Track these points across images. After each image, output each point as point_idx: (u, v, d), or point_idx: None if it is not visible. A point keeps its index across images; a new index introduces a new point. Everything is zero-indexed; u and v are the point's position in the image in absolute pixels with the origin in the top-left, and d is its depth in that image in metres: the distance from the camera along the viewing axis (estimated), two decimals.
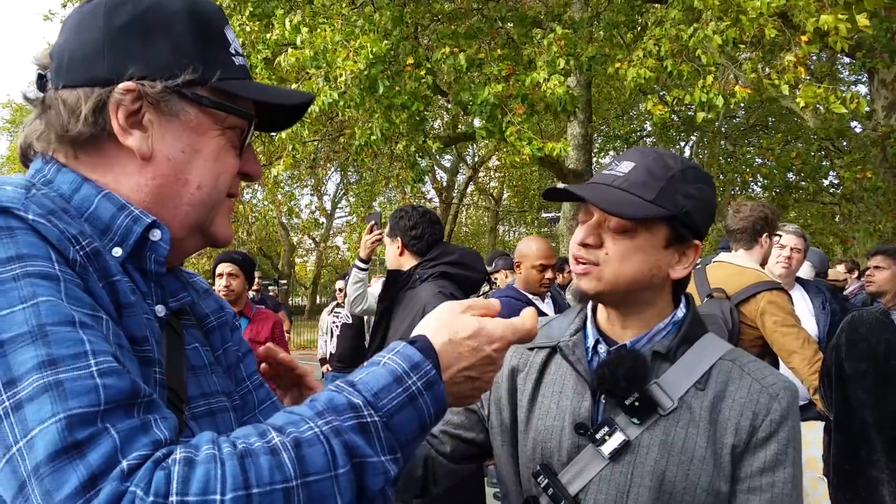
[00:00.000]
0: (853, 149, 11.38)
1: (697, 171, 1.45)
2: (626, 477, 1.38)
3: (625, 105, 19.28)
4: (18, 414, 0.76)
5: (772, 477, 1.36)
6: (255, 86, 1.13)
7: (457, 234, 27.16)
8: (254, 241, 22.97)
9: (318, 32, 8.07)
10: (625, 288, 1.42)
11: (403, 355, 0.94)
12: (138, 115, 1.02)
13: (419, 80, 8.55)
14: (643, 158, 1.43)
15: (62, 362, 0.78)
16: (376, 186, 17.23)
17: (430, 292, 3.59)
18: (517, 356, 1.61)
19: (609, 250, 1.41)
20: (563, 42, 8.13)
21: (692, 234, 1.44)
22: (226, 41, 1.11)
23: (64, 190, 1.01)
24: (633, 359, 1.39)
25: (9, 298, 0.81)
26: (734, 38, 6.92)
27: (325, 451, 0.81)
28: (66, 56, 1.04)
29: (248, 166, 1.15)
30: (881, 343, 3.11)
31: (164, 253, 1.03)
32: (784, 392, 1.40)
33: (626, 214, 1.35)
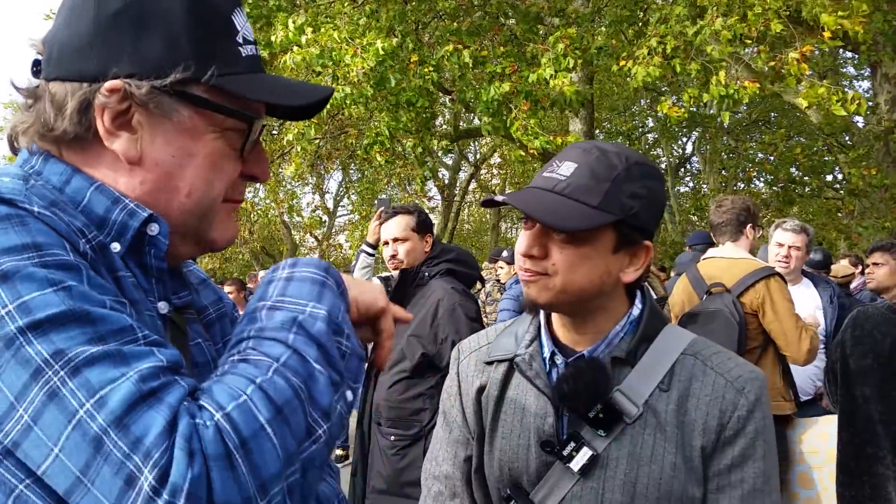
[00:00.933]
0: (857, 144, 11.34)
1: (644, 166, 1.37)
2: (596, 493, 1.34)
3: (626, 101, 19.25)
4: (78, 379, 0.74)
5: (741, 473, 1.32)
6: (263, 82, 1.03)
7: (459, 232, 27.13)
8: (256, 240, 22.97)
9: (323, 32, 8.04)
10: (575, 297, 1.36)
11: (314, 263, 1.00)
12: (127, 116, 0.95)
13: (423, 77, 8.53)
14: (585, 158, 1.34)
15: (111, 336, 0.79)
16: (378, 184, 17.23)
17: (443, 288, 3.61)
18: (479, 374, 1.56)
19: (556, 261, 1.33)
20: (569, 41, 8.10)
21: (641, 236, 1.37)
22: (232, 29, 1.01)
23: (54, 181, 0.96)
24: (592, 369, 1.34)
25: (38, 281, 0.78)
26: (741, 33, 6.89)
27: (276, 340, 0.88)
28: (57, 45, 0.97)
29: (254, 168, 1.07)
30: (887, 339, 3.09)
31: (163, 247, 0.98)
32: (750, 384, 1.35)
33: (568, 227, 1.28)
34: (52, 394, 0.74)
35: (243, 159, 1.05)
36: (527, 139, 8.08)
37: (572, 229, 1.28)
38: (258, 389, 0.80)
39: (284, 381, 0.82)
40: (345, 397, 0.91)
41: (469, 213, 29.93)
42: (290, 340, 0.87)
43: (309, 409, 0.84)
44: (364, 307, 1.05)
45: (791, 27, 7.03)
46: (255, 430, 0.78)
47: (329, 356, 0.88)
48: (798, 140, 16.58)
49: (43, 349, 0.75)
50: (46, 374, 0.74)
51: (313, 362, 0.86)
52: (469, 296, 3.75)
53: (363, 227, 15.80)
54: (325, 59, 7.99)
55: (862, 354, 3.14)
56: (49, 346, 0.75)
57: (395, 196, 20.24)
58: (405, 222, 3.80)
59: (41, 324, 0.76)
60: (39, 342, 0.75)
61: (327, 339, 0.89)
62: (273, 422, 0.79)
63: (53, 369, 0.75)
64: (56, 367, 0.75)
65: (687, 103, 7.93)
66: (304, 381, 0.84)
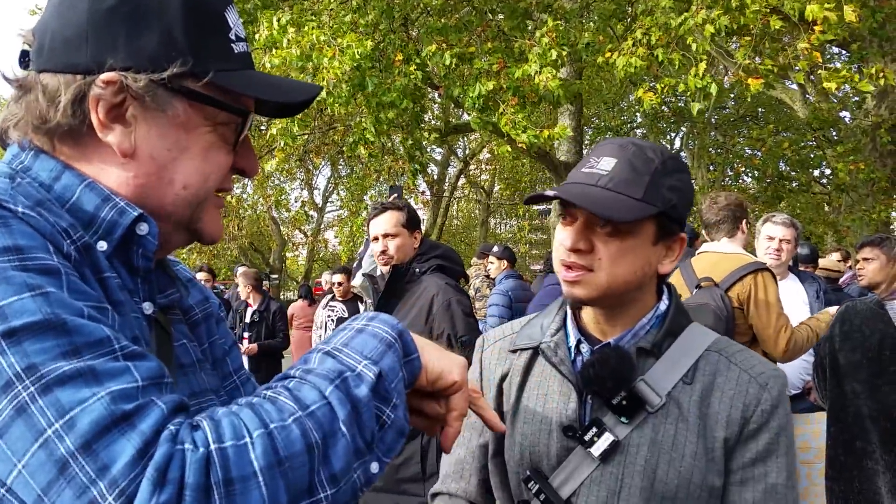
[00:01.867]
0: (844, 139, 11.41)
1: (676, 160, 1.42)
2: (616, 478, 1.36)
3: (615, 97, 19.28)
4: (48, 398, 0.72)
5: (764, 467, 1.35)
6: (254, 79, 1.04)
7: (448, 228, 27.15)
8: (245, 236, 22.89)
9: (306, 31, 8.02)
10: (618, 291, 1.39)
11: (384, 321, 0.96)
12: (121, 109, 0.95)
13: (408, 75, 8.51)
14: (623, 153, 1.38)
15: (86, 349, 0.76)
16: (367, 180, 17.18)
17: (437, 284, 3.61)
18: (502, 362, 1.59)
19: (601, 254, 1.36)
20: (555, 34, 8.10)
21: (678, 227, 1.42)
22: (225, 26, 1.02)
23: (43, 178, 0.95)
24: (618, 357, 1.37)
25: (14, 286, 0.76)
26: (725, 26, 6.91)
27: (315, 386, 0.84)
28: (49, 36, 0.96)
29: (244, 162, 1.08)
30: (875, 334, 3.11)
31: (152, 248, 0.97)
32: (773, 381, 1.38)
33: (621, 218, 1.30)
34: (21, 409, 0.72)
35: (235, 153, 1.05)
36: (515, 133, 8.07)
37: (623, 220, 1.31)
38: (267, 435, 0.77)
39: (300, 433, 0.79)
40: (367, 468, 0.86)
41: (458, 209, 29.94)
42: (328, 392, 0.83)
43: (318, 468, 0.80)
44: (434, 376, 0.99)
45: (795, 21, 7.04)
46: (244, 475, 0.75)
47: (361, 421, 0.84)
48: (786, 135, 16.65)
49: (15, 361, 0.73)
50: (16, 389, 0.73)
51: (341, 422, 0.82)
52: (462, 291, 3.77)
53: (352, 223, 15.75)
54: (303, 62, 7.98)
55: (851, 349, 3.15)
56: (22, 359, 0.74)
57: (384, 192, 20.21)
58: (395, 218, 3.78)
59: (16, 332, 0.74)
60: (12, 352, 0.74)
61: (366, 403, 0.85)
62: (268, 471, 0.76)
63: (24, 384, 0.73)
64: (26, 383, 0.73)
65: (661, 92, 7.95)
66: (323, 438, 0.81)
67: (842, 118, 12.31)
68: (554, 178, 12.57)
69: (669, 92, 7.96)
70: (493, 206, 27.23)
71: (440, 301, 3.53)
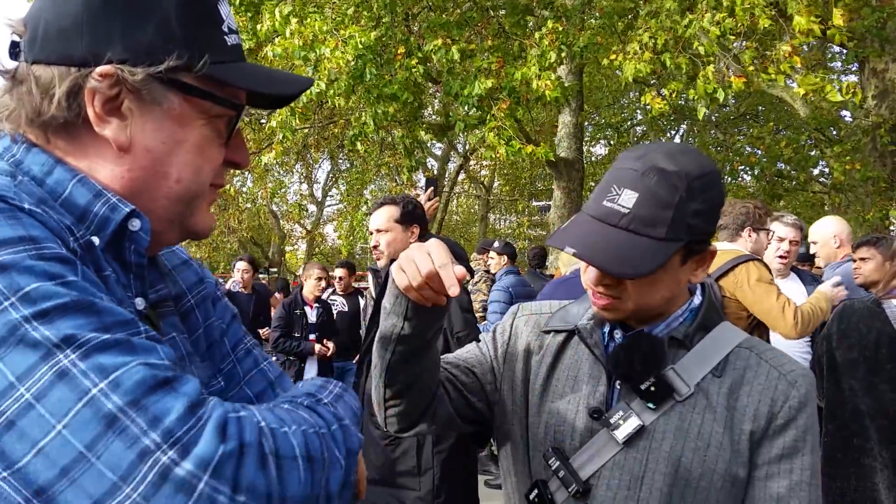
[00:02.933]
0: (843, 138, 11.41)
1: (703, 177, 1.35)
2: (640, 463, 1.37)
3: (616, 94, 19.26)
4: (89, 361, 0.74)
5: (790, 463, 1.36)
6: (247, 71, 1.04)
7: (447, 223, 27.13)
8: (244, 230, 22.88)
9: (308, 22, 8.02)
10: (650, 312, 1.44)
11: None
12: (116, 102, 0.94)
13: (410, 69, 8.51)
14: (645, 183, 1.32)
15: (116, 327, 0.79)
16: (367, 175, 17.17)
17: None
18: (533, 337, 1.60)
19: (629, 287, 1.38)
20: (554, 36, 8.09)
21: (706, 244, 1.42)
22: (218, 18, 1.01)
23: (35, 172, 0.94)
24: (649, 343, 1.39)
25: (37, 274, 0.78)
26: (730, 28, 6.91)
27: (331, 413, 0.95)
28: (42, 27, 0.94)
29: (235, 154, 1.08)
30: (872, 332, 3.13)
31: (144, 244, 0.98)
32: (802, 379, 1.39)
33: (638, 274, 1.30)
34: (62, 373, 0.74)
35: (227, 146, 1.05)
36: (498, 143, 8.08)
37: (641, 275, 1.31)
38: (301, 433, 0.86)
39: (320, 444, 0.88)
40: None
41: (458, 204, 29.92)
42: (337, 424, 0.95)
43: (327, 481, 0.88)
44: None
45: (781, 21, 7.05)
46: (289, 455, 0.82)
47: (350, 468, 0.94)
48: (785, 134, 16.65)
49: (51, 334, 0.75)
50: (57, 356, 0.74)
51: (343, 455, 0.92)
52: (462, 287, 3.74)
53: (352, 218, 15.75)
54: (306, 51, 7.97)
55: (848, 347, 3.18)
56: (57, 332, 0.75)
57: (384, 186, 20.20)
58: (388, 213, 3.77)
59: (47, 312, 0.76)
60: (47, 328, 0.75)
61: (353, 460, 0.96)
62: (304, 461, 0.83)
63: (64, 352, 0.74)
64: (67, 351, 0.74)
65: (669, 97, 7.96)
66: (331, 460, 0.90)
67: (842, 117, 12.31)
68: (553, 174, 12.57)
69: (677, 98, 7.97)
70: (493, 201, 27.24)
71: None
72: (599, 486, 1.40)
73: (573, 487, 1.40)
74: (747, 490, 1.38)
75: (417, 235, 3.80)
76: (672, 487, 1.35)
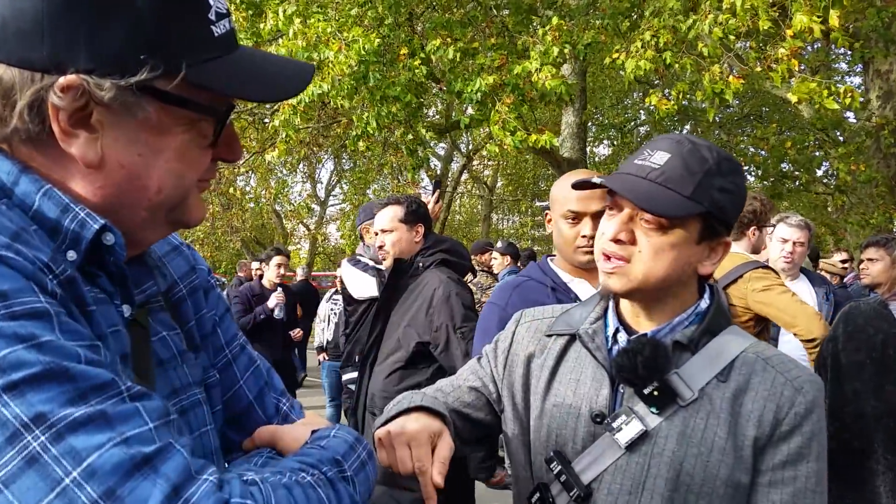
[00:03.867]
0: (847, 139, 11.39)
1: (731, 161, 1.41)
2: (642, 467, 1.36)
3: (619, 94, 19.23)
4: (61, 445, 0.70)
5: (794, 471, 1.34)
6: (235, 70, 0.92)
7: (450, 223, 27.11)
8: (247, 229, 22.89)
9: (312, 23, 8.02)
10: (653, 287, 1.40)
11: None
12: (84, 113, 0.84)
13: (413, 70, 8.50)
14: (678, 149, 1.38)
15: (93, 393, 0.74)
16: (370, 174, 17.18)
17: (438, 278, 3.64)
18: (534, 342, 1.59)
19: (642, 247, 1.37)
20: (558, 32, 8.08)
21: (724, 230, 1.42)
22: (204, 4, 0.89)
23: (2, 181, 0.86)
24: (653, 347, 1.37)
25: (6, 338, 0.72)
26: (733, 28, 6.89)
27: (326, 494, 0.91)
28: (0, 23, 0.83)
29: (226, 151, 0.99)
30: (879, 333, 3.11)
31: (121, 258, 0.91)
32: (809, 385, 1.37)
33: (666, 213, 1.32)
34: (32, 459, 0.69)
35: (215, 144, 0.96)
36: (503, 135, 8.07)
37: (665, 214, 1.33)
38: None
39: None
40: None
41: (461, 204, 29.90)
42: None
43: None
44: None
45: (781, 23, 7.03)
46: None
47: None
48: (789, 135, 16.62)
49: (21, 412, 0.70)
50: (25, 439, 0.69)
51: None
52: (464, 285, 3.78)
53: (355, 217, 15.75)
54: (309, 52, 7.97)
55: (855, 349, 3.16)
56: (28, 409, 0.70)
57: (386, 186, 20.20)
58: (392, 213, 3.82)
59: (16, 385, 0.70)
60: (16, 404, 0.70)
61: None
62: None
63: (33, 434, 0.70)
64: (36, 432, 0.70)
65: (675, 98, 7.94)
66: None
67: (846, 118, 12.28)
68: (557, 174, 12.54)
69: (684, 98, 7.95)
70: (496, 201, 27.21)
71: (441, 294, 3.55)
72: (601, 491, 1.38)
73: (575, 492, 1.39)
74: (750, 496, 1.36)
75: (422, 234, 3.83)
76: (674, 493, 1.34)
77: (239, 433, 1.15)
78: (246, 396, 1.17)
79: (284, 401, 1.22)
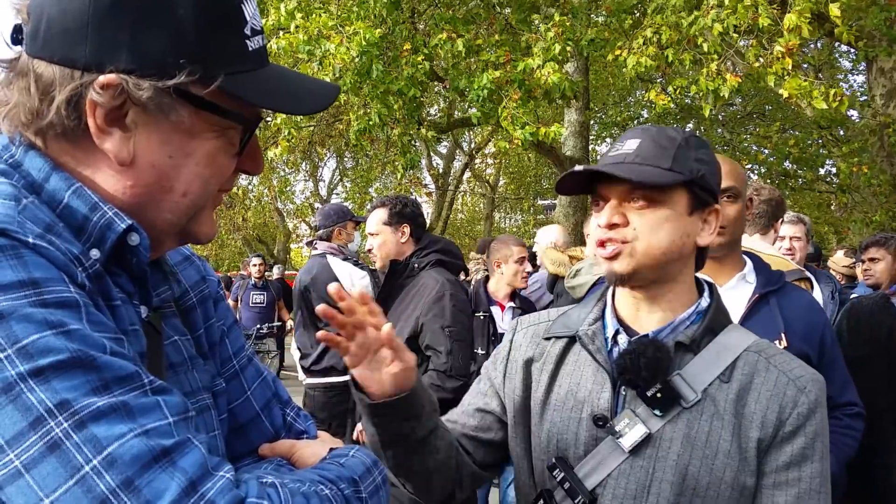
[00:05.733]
0: (850, 138, 11.37)
1: (697, 138, 1.47)
2: (646, 471, 1.34)
3: (622, 92, 19.22)
4: (83, 433, 0.71)
5: (798, 472, 1.33)
6: (266, 82, 0.96)
7: (452, 221, 27.11)
8: (250, 227, 22.90)
9: (313, 18, 8.03)
10: (658, 260, 1.39)
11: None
12: (120, 112, 0.88)
13: (416, 65, 8.50)
14: (646, 133, 1.43)
15: (116, 384, 0.76)
16: (372, 172, 17.19)
17: (435, 279, 3.67)
18: (532, 346, 1.57)
19: (636, 226, 1.38)
20: (561, 29, 8.08)
21: (711, 197, 1.44)
22: (241, 20, 0.94)
23: (34, 177, 0.89)
24: (655, 348, 1.36)
25: (36, 323, 0.74)
26: (734, 25, 6.88)
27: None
28: (45, 22, 0.87)
29: (248, 163, 1.02)
30: (883, 327, 3.11)
31: (145, 259, 0.93)
32: (812, 385, 1.37)
33: (651, 182, 1.34)
34: (55, 445, 0.71)
35: (240, 154, 1.00)
36: (512, 129, 8.07)
37: (654, 183, 1.35)
38: None
39: None
40: None
41: (463, 203, 29.90)
42: None
43: None
44: None
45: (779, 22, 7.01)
46: None
47: None
48: (792, 133, 16.60)
49: (46, 398, 0.72)
50: (48, 424, 0.71)
51: None
52: (460, 286, 3.82)
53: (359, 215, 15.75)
54: (311, 46, 7.97)
55: (859, 344, 3.15)
56: (52, 396, 0.72)
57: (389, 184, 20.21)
58: (377, 217, 3.88)
59: (43, 370, 0.72)
60: (42, 390, 0.72)
61: None
62: None
63: (56, 420, 0.71)
64: (60, 419, 0.71)
65: (673, 94, 7.94)
66: None
67: (849, 117, 12.26)
68: (559, 172, 12.54)
69: (681, 93, 7.96)
70: (498, 200, 27.20)
71: (435, 293, 3.59)
72: (605, 496, 1.37)
73: (580, 499, 1.37)
74: (755, 499, 1.35)
75: (408, 234, 3.85)
76: (679, 497, 1.32)
77: (244, 443, 1.17)
78: (253, 407, 1.18)
79: (289, 410, 1.23)
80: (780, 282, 2.36)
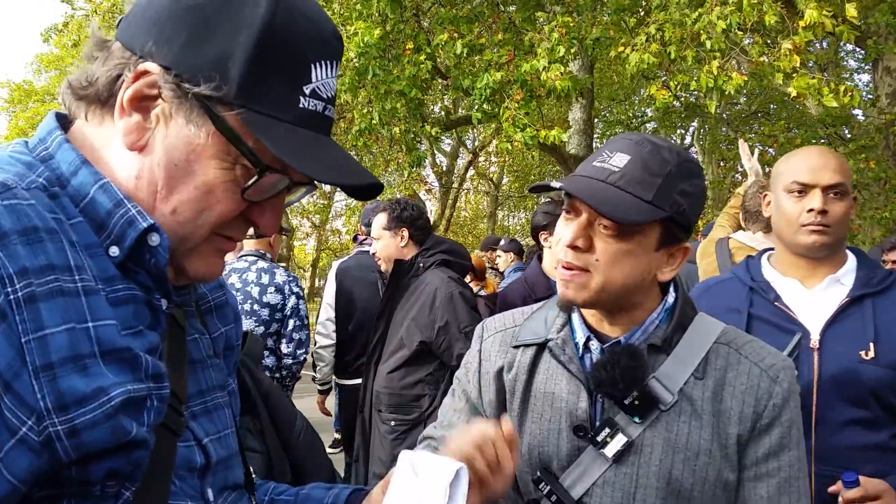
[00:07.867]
0: (856, 136, 11.32)
1: (691, 164, 1.38)
2: (631, 478, 1.34)
3: (626, 90, 19.18)
4: None
5: (777, 461, 1.34)
6: (300, 143, 0.93)
7: (456, 219, 27.11)
8: None
9: None
10: (613, 295, 1.36)
11: None
12: (149, 101, 0.92)
13: (418, 64, 8.48)
14: (638, 150, 1.34)
15: None
16: (376, 170, 17.15)
17: (438, 279, 3.74)
18: (502, 355, 1.54)
19: (599, 255, 1.33)
20: (565, 30, 8.05)
21: (684, 235, 1.39)
22: (303, 77, 0.95)
23: (62, 171, 0.92)
24: (629, 356, 1.34)
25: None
26: (738, 23, 6.84)
27: None
28: (137, 10, 0.96)
29: (257, 216, 1.00)
30: None
31: (163, 260, 0.93)
32: (783, 373, 1.37)
33: (625, 219, 1.28)
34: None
35: (246, 200, 0.96)
36: (513, 130, 8.04)
37: (625, 220, 1.28)
38: None
39: None
40: None
41: (466, 201, 29.91)
42: None
43: None
44: None
45: (786, 19, 6.96)
46: None
47: None
48: (798, 132, 16.55)
49: None
50: None
51: None
52: (465, 284, 3.90)
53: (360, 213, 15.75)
54: None
55: None
56: None
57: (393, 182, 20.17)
58: (378, 222, 4.00)
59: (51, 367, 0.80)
60: None
61: None
62: None
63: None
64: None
65: (674, 89, 7.90)
66: None
67: (854, 115, 12.21)
68: (563, 171, 12.50)
69: (682, 89, 7.92)
70: (502, 198, 27.19)
71: (443, 293, 3.64)
72: None
73: None
74: (738, 492, 1.36)
75: (407, 237, 3.94)
76: (665, 500, 1.33)
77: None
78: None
79: None
80: (883, 283, 2.08)
